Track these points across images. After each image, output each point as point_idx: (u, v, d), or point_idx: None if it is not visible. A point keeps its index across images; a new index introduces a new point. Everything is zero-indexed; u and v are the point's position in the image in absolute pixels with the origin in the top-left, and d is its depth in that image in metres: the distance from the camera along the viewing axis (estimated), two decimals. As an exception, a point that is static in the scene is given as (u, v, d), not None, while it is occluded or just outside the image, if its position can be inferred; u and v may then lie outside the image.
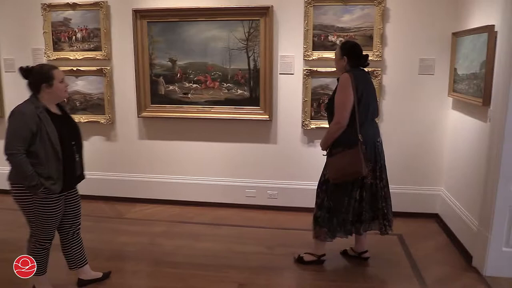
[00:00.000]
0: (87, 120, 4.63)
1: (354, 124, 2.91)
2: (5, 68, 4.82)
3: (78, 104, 4.66)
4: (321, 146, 3.13)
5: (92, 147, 4.62)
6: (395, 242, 3.80)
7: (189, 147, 4.58)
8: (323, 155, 3.12)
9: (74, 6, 4.48)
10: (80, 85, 4.62)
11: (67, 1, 4.47)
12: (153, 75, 4.47)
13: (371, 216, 3.15)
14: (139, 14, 4.35)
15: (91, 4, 4.44)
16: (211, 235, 3.95)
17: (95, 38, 4.51)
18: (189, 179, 4.64)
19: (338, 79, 3.01)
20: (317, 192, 3.21)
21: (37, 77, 2.60)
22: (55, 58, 4.61)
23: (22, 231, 2.93)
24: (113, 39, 4.51)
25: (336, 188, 3.04)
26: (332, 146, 3.02)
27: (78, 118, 4.61)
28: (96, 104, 4.62)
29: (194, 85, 4.42)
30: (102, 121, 4.63)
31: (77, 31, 4.54)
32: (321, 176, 3.19)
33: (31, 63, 4.65)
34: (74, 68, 4.56)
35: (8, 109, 4.81)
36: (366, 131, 2.97)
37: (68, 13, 4.52)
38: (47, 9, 4.54)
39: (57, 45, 4.61)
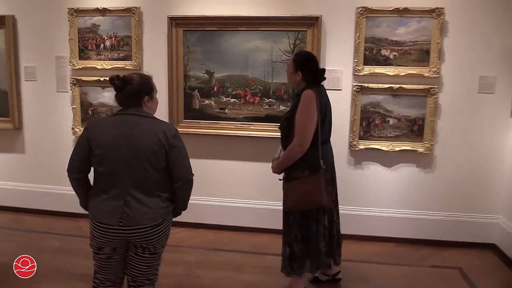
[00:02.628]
0: (113, 135, 4.26)
1: (315, 146, 2.67)
2: (26, 77, 4.46)
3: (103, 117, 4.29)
4: (273, 169, 2.86)
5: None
6: (457, 277, 3.45)
7: (225, 167, 4.22)
8: (279, 179, 2.86)
9: (103, 11, 4.14)
10: (107, 97, 4.27)
11: (97, 6, 4.13)
12: (188, 88, 4.13)
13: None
14: (175, 22, 4.02)
15: (122, 10, 4.11)
16: (253, 265, 3.58)
17: (125, 46, 4.17)
18: (224, 201, 4.27)
19: (295, 94, 2.80)
20: (284, 226, 2.90)
21: (141, 88, 2.21)
22: (80, 67, 4.26)
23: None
24: (145, 48, 4.17)
25: (304, 216, 2.74)
26: (289, 170, 2.74)
27: (104, 132, 4.26)
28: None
29: (232, 100, 4.07)
30: (130, 137, 4.26)
31: (105, 38, 4.20)
32: (283, 206, 2.88)
33: (53, 72, 4.36)
34: (101, 79, 4.21)
35: (28, 120, 4.46)
36: (327, 152, 2.80)
37: (97, 19, 4.18)
38: (74, 14, 4.20)
39: (83, 53, 4.26)
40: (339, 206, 3.08)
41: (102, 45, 4.21)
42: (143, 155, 2.11)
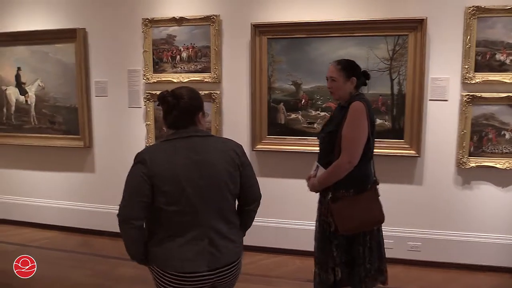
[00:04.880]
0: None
1: (364, 161, 2.42)
2: (96, 92, 4.23)
3: (180, 134, 3.99)
4: (311, 187, 2.56)
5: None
6: None
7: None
8: (321, 200, 2.55)
9: (180, 21, 3.85)
10: (183, 112, 3.96)
11: (173, 15, 3.85)
12: (272, 101, 3.78)
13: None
14: (259, 30, 3.69)
15: (201, 18, 3.81)
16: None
17: (203, 57, 3.87)
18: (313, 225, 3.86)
19: (341, 107, 2.50)
20: (324, 251, 2.53)
21: (194, 103, 1.87)
22: (155, 81, 3.99)
23: None
24: (224, 59, 3.86)
25: (350, 239, 2.46)
26: (334, 188, 2.42)
27: (180, 150, 3.96)
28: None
29: (322, 113, 3.69)
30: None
31: (182, 49, 3.91)
32: (320, 227, 2.57)
33: (126, 87, 4.10)
34: (178, 93, 3.90)
35: (98, 138, 4.21)
36: (373, 167, 2.55)
37: (173, 29, 3.90)
38: (149, 24, 3.93)
39: (157, 66, 3.99)
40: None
41: (178, 56, 3.92)
42: (221, 181, 1.81)
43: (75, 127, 4.27)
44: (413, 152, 3.56)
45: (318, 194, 2.61)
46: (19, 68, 4.42)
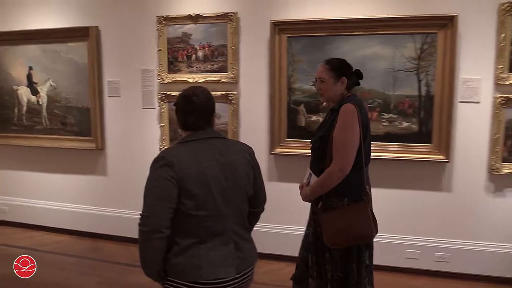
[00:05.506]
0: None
1: (357, 169, 2.23)
2: (109, 93, 4.09)
3: (194, 137, 3.84)
4: (304, 197, 2.40)
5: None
6: None
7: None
8: (318, 208, 2.32)
9: (196, 18, 3.70)
10: (198, 113, 3.80)
11: (189, 13, 3.70)
12: (292, 102, 3.60)
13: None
14: (278, 28, 3.52)
15: (217, 16, 3.65)
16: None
17: (220, 57, 3.71)
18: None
19: (331, 109, 2.33)
20: (316, 263, 2.37)
21: (210, 103, 1.82)
22: (170, 81, 3.85)
23: None
24: (242, 58, 3.70)
25: (344, 253, 2.27)
26: (326, 197, 2.25)
27: (194, 153, 3.80)
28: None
29: (345, 116, 3.49)
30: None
31: (198, 48, 3.76)
32: (314, 238, 2.39)
33: (139, 87, 3.96)
34: (194, 93, 3.75)
35: (111, 140, 4.08)
36: (367, 176, 2.35)
37: (189, 27, 3.75)
38: (163, 22, 3.79)
39: (172, 66, 3.84)
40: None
41: (194, 56, 3.77)
42: (242, 184, 1.78)
43: (87, 129, 4.14)
44: (441, 157, 3.35)
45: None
46: (30, 68, 4.31)
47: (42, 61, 4.25)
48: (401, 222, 3.54)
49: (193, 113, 1.74)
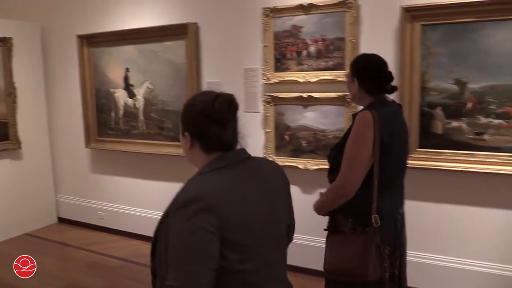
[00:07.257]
0: (317, 167, 3.31)
1: (366, 188, 1.87)
2: (208, 95, 3.73)
3: (305, 144, 3.37)
4: (316, 211, 2.09)
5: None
6: None
7: (475, 215, 2.99)
8: (324, 229, 2.06)
9: (308, 8, 3.21)
10: (309, 117, 3.34)
11: (299, 2, 3.21)
12: (426, 104, 2.99)
13: None
14: (410, 14, 2.91)
15: (333, 4, 3.13)
16: None
17: (335, 52, 3.19)
18: (449, 260, 3.04)
19: (352, 115, 2.02)
20: None
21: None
22: (276, 81, 3.40)
23: None
24: (363, 52, 3.12)
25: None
26: (334, 212, 1.99)
27: (304, 163, 3.34)
28: (332, 145, 3.27)
29: (497, 121, 2.82)
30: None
31: (309, 43, 3.26)
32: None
33: (241, 88, 3.56)
34: (305, 95, 3.29)
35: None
36: (389, 203, 1.94)
37: (299, 19, 3.27)
38: (270, 14, 3.34)
39: (280, 64, 3.39)
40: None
41: (305, 51, 3.29)
42: (282, 216, 1.37)
43: (183, 133, 3.83)
44: None
45: None
46: (127, 69, 4.11)
47: (138, 62, 4.03)
48: None
49: (231, 124, 1.31)
